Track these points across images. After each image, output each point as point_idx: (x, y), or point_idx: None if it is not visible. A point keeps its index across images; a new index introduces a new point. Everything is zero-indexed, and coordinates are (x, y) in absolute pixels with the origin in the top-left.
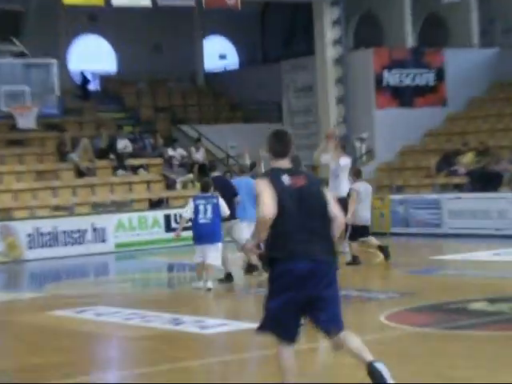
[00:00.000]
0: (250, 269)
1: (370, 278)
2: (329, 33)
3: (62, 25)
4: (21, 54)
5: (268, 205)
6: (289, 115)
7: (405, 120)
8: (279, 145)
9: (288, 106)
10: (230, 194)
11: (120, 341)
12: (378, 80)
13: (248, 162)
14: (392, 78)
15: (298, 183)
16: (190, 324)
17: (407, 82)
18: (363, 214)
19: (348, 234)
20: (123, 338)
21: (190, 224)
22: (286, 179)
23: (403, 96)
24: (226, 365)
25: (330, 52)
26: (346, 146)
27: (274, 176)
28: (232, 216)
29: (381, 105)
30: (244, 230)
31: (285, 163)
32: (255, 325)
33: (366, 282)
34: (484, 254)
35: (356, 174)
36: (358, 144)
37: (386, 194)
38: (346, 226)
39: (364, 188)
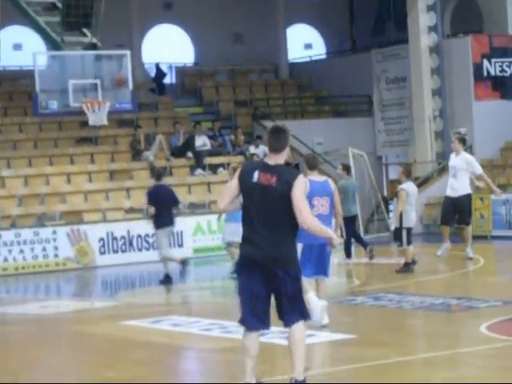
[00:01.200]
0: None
1: (470, 285)
2: (423, 19)
3: (136, 14)
4: (92, 46)
5: (222, 197)
6: (380, 109)
7: (507, 113)
8: (273, 140)
9: (379, 99)
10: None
11: (199, 353)
12: (478, 70)
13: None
14: (493, 67)
15: (265, 181)
16: (275, 335)
17: (509, 71)
18: (412, 215)
19: (404, 238)
20: (202, 349)
21: None
22: (255, 175)
23: (505, 87)
24: (314, 379)
25: (425, 40)
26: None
27: (246, 171)
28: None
29: (480, 97)
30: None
31: (276, 158)
32: (344, 335)
33: (466, 289)
34: None
35: (406, 173)
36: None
37: (486, 194)
38: (400, 229)
39: (412, 189)
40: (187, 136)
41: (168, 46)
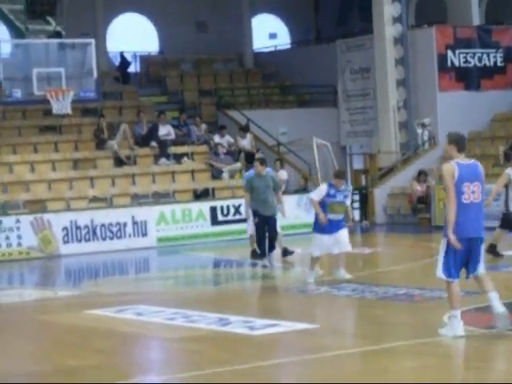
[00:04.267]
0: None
1: (433, 275)
2: (388, 10)
3: (100, 3)
4: (56, 34)
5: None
6: (344, 99)
7: (470, 104)
8: None
9: (344, 89)
10: None
11: (162, 342)
12: (442, 61)
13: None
14: (457, 58)
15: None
16: (237, 324)
17: (473, 62)
18: None
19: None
20: (165, 339)
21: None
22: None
23: (469, 78)
24: (275, 368)
25: (389, 31)
26: None
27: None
28: None
29: (444, 88)
30: None
31: None
32: (307, 325)
33: (429, 279)
34: None
35: (508, 157)
36: (419, 130)
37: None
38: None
39: None
40: (151, 125)
41: (132, 35)
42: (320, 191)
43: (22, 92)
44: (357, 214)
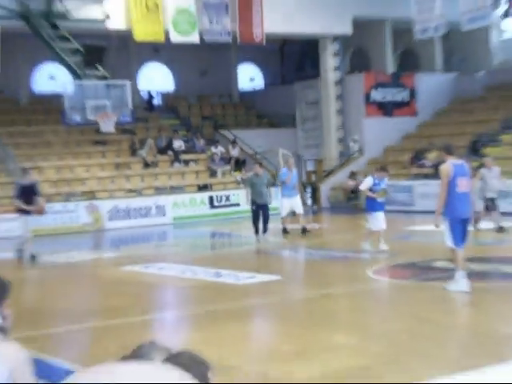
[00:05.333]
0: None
1: (357, 243)
2: (330, 61)
3: (134, 55)
4: (103, 77)
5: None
6: (301, 122)
7: (386, 126)
8: None
9: (300, 116)
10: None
11: (176, 289)
12: (367, 96)
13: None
14: (377, 95)
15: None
16: (227, 277)
17: (388, 98)
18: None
19: None
20: (178, 287)
21: (228, 203)
22: None
23: (385, 108)
24: (252, 306)
25: (331, 76)
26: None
27: None
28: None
29: (369, 115)
30: None
31: None
32: (274, 277)
33: (354, 245)
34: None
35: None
36: (352, 144)
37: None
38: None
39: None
40: (168, 140)
41: (156, 78)
42: (366, 182)
43: (80, 117)
44: (309, 201)
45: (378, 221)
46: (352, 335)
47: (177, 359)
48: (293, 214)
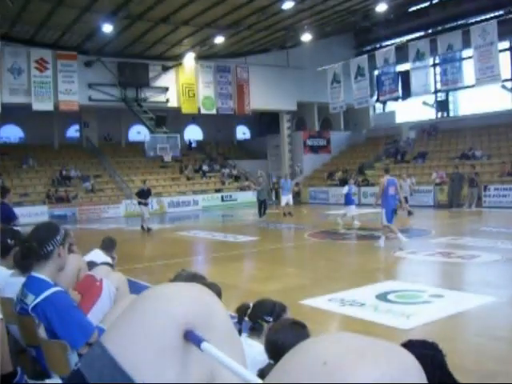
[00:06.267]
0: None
1: (307, 219)
2: (285, 124)
3: (182, 120)
4: (165, 132)
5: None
6: (271, 155)
7: (315, 158)
8: None
9: (270, 153)
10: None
11: (203, 244)
12: (304, 143)
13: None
14: (310, 142)
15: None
16: (230, 237)
17: (315, 144)
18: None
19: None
20: (204, 242)
21: (231, 199)
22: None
23: (314, 149)
24: (243, 254)
25: (286, 132)
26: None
27: None
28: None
29: (306, 153)
30: None
31: None
32: (255, 237)
33: (304, 221)
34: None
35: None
36: (296, 168)
37: (306, 187)
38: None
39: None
40: (199, 165)
41: (193, 132)
42: (345, 189)
43: (153, 153)
44: (274, 198)
45: (351, 210)
46: (295, 268)
47: (210, 288)
48: (286, 204)
